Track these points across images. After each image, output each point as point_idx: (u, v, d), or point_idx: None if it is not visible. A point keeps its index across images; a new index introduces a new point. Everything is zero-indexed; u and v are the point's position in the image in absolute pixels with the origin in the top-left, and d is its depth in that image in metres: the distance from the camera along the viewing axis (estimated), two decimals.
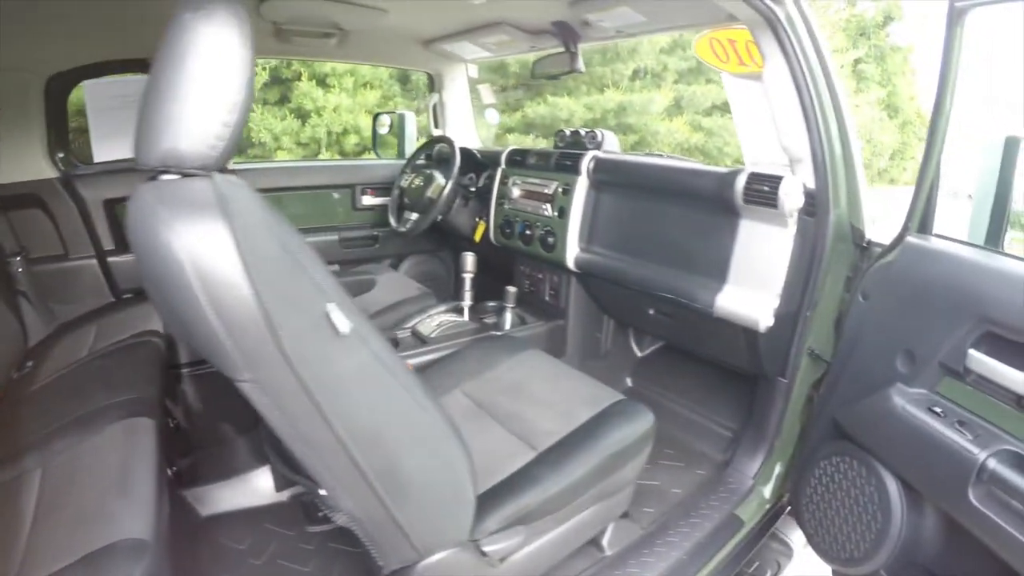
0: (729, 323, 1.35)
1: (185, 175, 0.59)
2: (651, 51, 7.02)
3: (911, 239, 1.17)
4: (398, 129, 2.58)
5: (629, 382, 2.02)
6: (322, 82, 5.58)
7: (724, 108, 7.02)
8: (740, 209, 1.31)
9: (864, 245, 1.30)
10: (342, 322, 0.62)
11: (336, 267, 2.38)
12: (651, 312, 1.64)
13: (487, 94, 2.60)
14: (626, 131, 6.71)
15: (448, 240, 2.47)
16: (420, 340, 1.69)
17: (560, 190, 1.75)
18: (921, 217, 1.18)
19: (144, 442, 1.03)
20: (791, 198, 1.21)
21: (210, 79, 0.57)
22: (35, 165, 1.69)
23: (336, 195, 2.39)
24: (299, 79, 5.33)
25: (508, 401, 1.24)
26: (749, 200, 1.27)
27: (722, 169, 1.38)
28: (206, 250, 0.53)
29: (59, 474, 0.98)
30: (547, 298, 1.97)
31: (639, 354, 2.08)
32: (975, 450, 0.94)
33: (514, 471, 1.04)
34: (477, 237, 2.13)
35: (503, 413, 1.20)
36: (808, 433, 1.39)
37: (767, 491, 1.45)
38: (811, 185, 1.25)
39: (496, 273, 2.12)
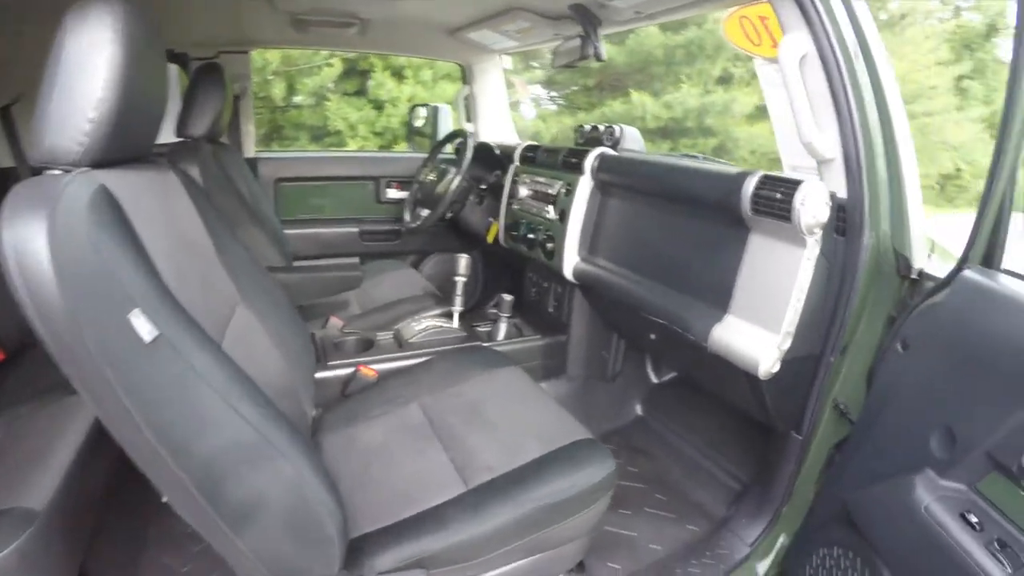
0: (728, 362, 1.11)
1: (47, 170, 0.61)
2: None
3: (969, 274, 0.88)
4: (431, 122, 2.51)
5: (639, 410, 1.81)
6: (397, 74, 5.70)
7: None
8: (749, 221, 1.06)
9: (914, 277, 1.01)
10: (145, 329, 0.60)
11: (356, 259, 2.37)
12: (652, 337, 1.43)
13: (521, 88, 2.46)
14: (705, 134, 6.18)
15: (472, 240, 2.37)
16: (399, 344, 1.60)
17: (563, 191, 1.57)
18: (986, 245, 0.89)
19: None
20: (810, 209, 0.94)
21: (73, 76, 0.59)
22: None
23: (360, 187, 2.37)
24: (374, 71, 5.49)
25: (460, 422, 1.13)
26: (758, 210, 1.02)
27: (733, 170, 1.13)
28: (22, 242, 0.54)
29: (15, 432, 1.04)
30: (551, 310, 1.80)
31: (655, 380, 1.85)
32: None
33: (431, 506, 0.94)
34: (490, 238, 2.00)
35: (449, 436, 1.09)
36: (816, 506, 1.12)
37: (762, 566, 1.19)
38: (843, 195, 0.99)
39: (510, 278, 1.98)
